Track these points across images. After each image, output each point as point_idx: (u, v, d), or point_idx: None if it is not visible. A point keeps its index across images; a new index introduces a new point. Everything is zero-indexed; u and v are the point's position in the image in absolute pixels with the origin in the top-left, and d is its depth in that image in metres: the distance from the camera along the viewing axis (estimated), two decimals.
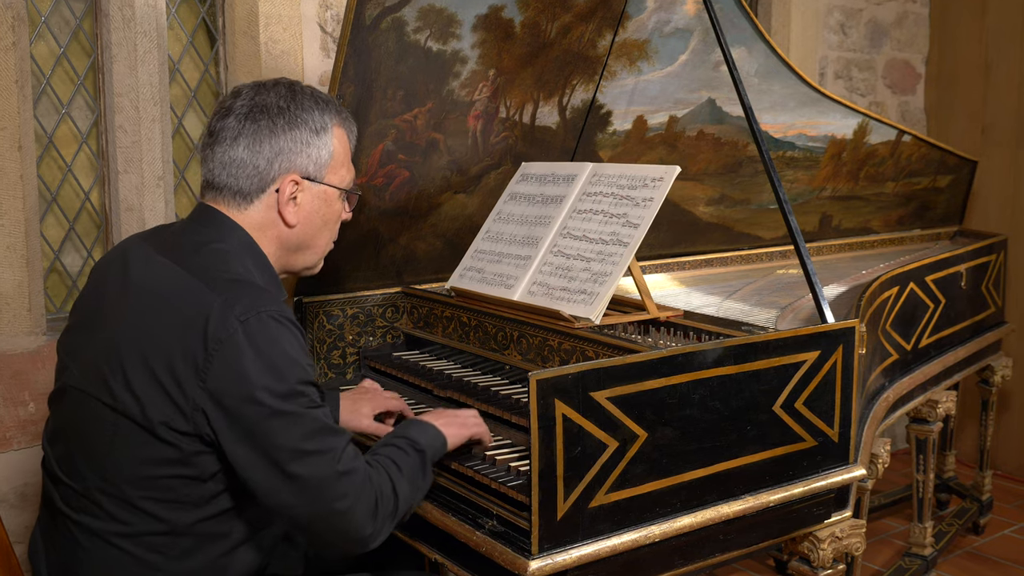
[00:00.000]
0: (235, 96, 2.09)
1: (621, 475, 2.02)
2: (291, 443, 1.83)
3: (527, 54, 2.92)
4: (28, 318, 3.00)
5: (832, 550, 2.45)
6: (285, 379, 1.84)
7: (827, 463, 2.38)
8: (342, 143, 2.14)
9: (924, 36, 5.34)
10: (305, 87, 2.13)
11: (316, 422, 1.87)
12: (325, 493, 1.85)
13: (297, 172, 2.06)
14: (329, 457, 1.86)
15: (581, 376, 1.94)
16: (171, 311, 1.89)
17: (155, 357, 1.86)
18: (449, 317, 2.85)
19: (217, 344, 1.82)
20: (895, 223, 4.42)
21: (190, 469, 1.89)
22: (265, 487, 1.85)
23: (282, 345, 1.86)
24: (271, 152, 2.03)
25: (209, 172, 2.07)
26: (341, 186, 2.15)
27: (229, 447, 1.84)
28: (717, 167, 3.65)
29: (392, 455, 2.05)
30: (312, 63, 3.42)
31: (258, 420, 1.82)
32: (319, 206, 2.11)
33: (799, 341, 2.30)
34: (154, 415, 1.85)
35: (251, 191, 2.05)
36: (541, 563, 1.92)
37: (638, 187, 2.57)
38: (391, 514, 1.95)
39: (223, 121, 2.06)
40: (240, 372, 1.81)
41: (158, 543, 1.93)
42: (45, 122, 3.15)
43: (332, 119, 2.11)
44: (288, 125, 2.04)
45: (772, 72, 3.51)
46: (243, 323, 1.83)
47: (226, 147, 2.04)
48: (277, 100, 2.06)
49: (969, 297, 3.81)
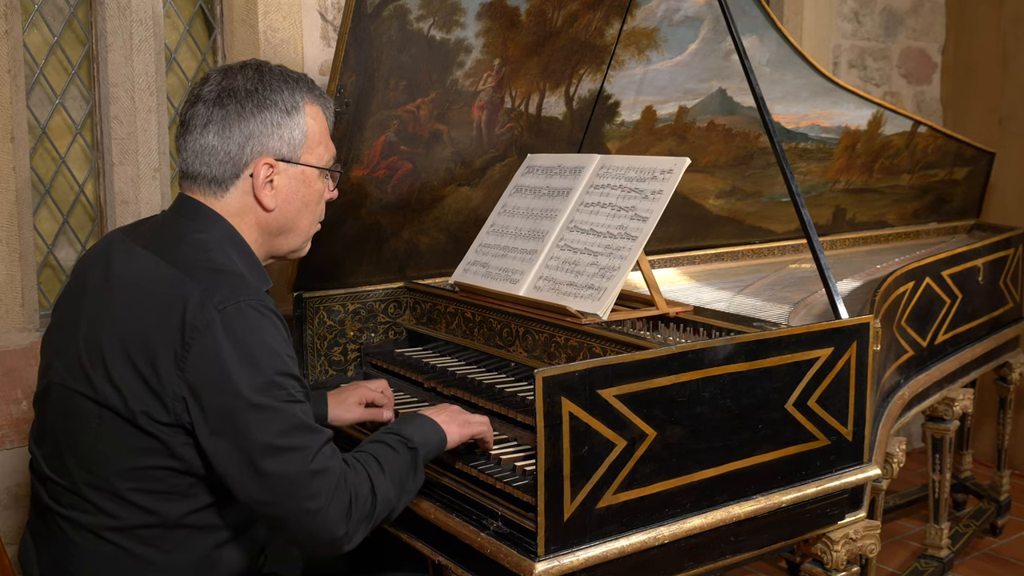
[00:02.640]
0: (203, 83, 2.09)
1: (629, 475, 2.02)
2: (265, 438, 1.83)
3: (533, 43, 2.92)
4: (21, 314, 3.00)
5: (846, 552, 2.45)
6: (262, 370, 1.84)
7: (841, 463, 2.38)
8: (317, 120, 2.12)
9: (940, 24, 5.32)
10: (274, 67, 2.11)
11: (292, 418, 1.86)
12: (297, 491, 1.84)
13: (270, 155, 2.05)
14: (303, 455, 1.85)
15: (588, 373, 1.94)
16: (151, 301, 1.90)
17: (134, 347, 1.87)
18: (453, 313, 2.85)
19: (195, 333, 1.83)
20: (910, 216, 4.41)
21: (176, 461, 1.90)
22: (238, 481, 1.85)
23: (261, 335, 1.86)
24: (241, 136, 2.03)
25: (183, 162, 2.07)
26: (319, 165, 2.13)
27: (204, 438, 1.85)
28: (728, 159, 3.64)
29: (377, 452, 2.03)
30: (312, 52, 3.42)
31: (233, 412, 1.82)
32: (297, 187, 2.10)
33: (812, 337, 2.29)
34: (135, 406, 1.87)
35: (225, 178, 2.05)
36: (547, 565, 1.92)
37: (647, 179, 2.56)
38: (366, 516, 1.93)
39: (192, 109, 2.06)
40: (217, 362, 1.82)
41: (149, 536, 1.94)
42: (38, 112, 3.15)
43: (303, 97, 2.10)
44: (257, 107, 2.04)
45: (784, 61, 3.50)
46: (221, 312, 1.84)
47: (196, 135, 2.04)
48: (245, 83, 2.06)
49: (986, 292, 3.80)
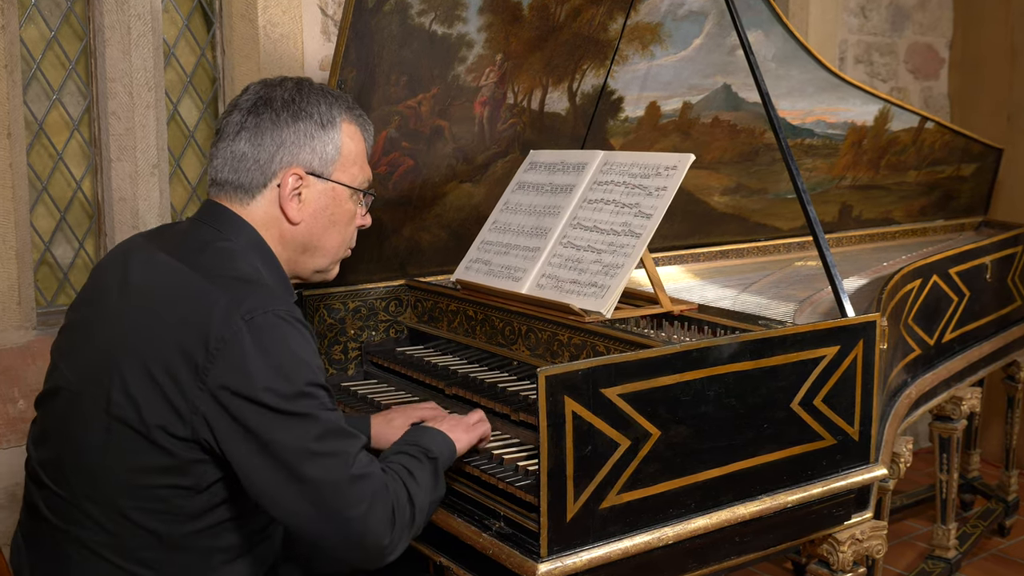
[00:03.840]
0: (243, 92, 2.11)
1: (633, 475, 2.02)
2: (299, 444, 1.79)
3: (536, 38, 2.91)
4: (18, 312, 3.00)
5: (852, 552, 2.45)
6: (292, 381, 1.80)
7: (847, 462, 2.38)
8: (354, 140, 2.12)
9: (948, 19, 5.32)
10: (316, 84, 2.12)
11: (328, 423, 1.83)
12: (337, 499, 1.80)
13: (300, 166, 2.04)
14: (341, 460, 1.82)
15: (592, 372, 1.94)
16: (172, 310, 1.86)
17: (154, 357, 1.83)
18: (455, 311, 2.84)
19: (220, 343, 1.79)
20: (917, 213, 4.40)
21: (186, 479, 1.87)
22: (271, 494, 1.81)
23: (290, 345, 1.83)
24: (273, 145, 2.03)
25: (214, 169, 2.07)
26: (352, 184, 2.12)
27: (230, 451, 1.81)
28: (733, 155, 3.64)
29: (405, 463, 2.00)
30: (312, 47, 3.42)
31: (262, 422, 1.78)
32: (326, 204, 2.09)
33: (818, 336, 2.29)
34: (151, 419, 1.82)
35: (253, 186, 2.04)
36: (550, 566, 1.92)
37: (651, 176, 2.56)
38: (408, 524, 1.90)
39: (228, 117, 2.07)
40: (244, 373, 1.78)
41: (149, 558, 1.90)
42: (35, 108, 3.15)
43: (341, 114, 2.10)
44: (292, 118, 2.04)
45: (790, 56, 3.50)
46: (248, 322, 1.81)
47: (229, 142, 2.05)
48: (283, 93, 2.07)
49: (994, 290, 3.79)
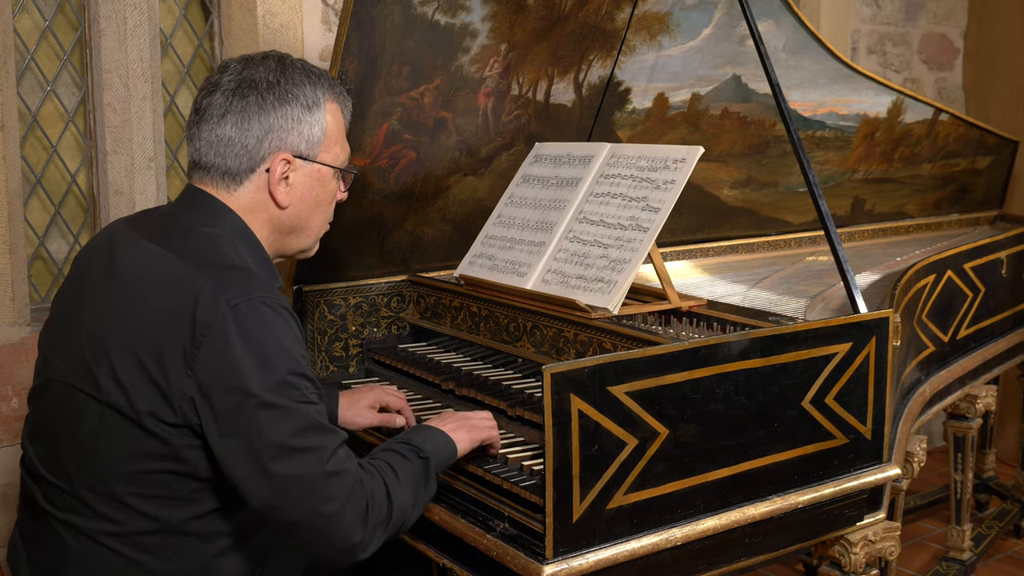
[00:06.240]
0: (222, 71, 2.10)
1: (641, 475, 2.02)
2: (277, 438, 1.82)
3: (541, 28, 2.91)
4: (11, 308, 3.00)
5: (865, 554, 2.45)
6: (275, 369, 1.84)
7: (859, 462, 2.38)
8: (336, 119, 2.14)
9: (962, 8, 5.30)
10: (296, 60, 2.13)
11: (306, 418, 1.86)
12: (311, 494, 1.84)
13: (288, 151, 2.06)
14: (317, 455, 1.85)
15: (598, 369, 1.94)
16: (159, 297, 1.89)
17: (141, 344, 1.87)
18: (458, 307, 2.84)
19: (205, 330, 1.83)
20: (932, 207, 4.40)
21: (180, 464, 1.90)
22: (248, 485, 1.85)
23: (274, 333, 1.86)
24: (260, 130, 2.04)
25: (196, 151, 2.07)
26: (335, 164, 2.15)
27: (213, 439, 1.85)
28: (742, 148, 3.64)
29: (391, 460, 2.03)
30: (312, 37, 3.42)
31: (244, 412, 1.82)
32: (312, 186, 2.12)
33: (830, 332, 2.29)
34: (140, 405, 1.86)
35: (240, 171, 2.05)
36: (556, 568, 1.92)
37: (659, 169, 2.56)
38: (383, 522, 1.93)
39: (210, 98, 2.06)
40: (228, 360, 1.82)
41: (148, 543, 1.93)
42: (29, 100, 3.15)
43: (324, 94, 2.11)
44: (278, 101, 2.05)
45: (801, 47, 3.49)
46: (233, 308, 1.84)
47: (213, 125, 2.05)
48: (267, 75, 2.07)
49: (1010, 286, 3.79)
